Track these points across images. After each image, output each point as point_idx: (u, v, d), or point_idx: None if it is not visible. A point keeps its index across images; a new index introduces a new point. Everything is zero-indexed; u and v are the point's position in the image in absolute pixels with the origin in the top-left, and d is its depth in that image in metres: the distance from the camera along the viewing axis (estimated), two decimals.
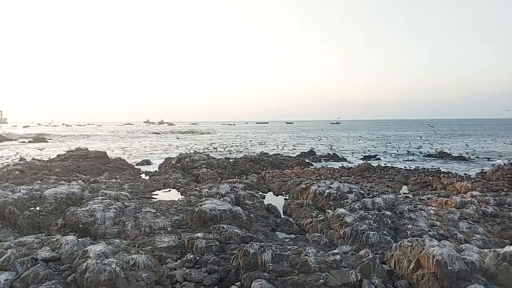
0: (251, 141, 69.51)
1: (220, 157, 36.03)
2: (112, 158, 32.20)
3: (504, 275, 7.34)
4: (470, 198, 14.74)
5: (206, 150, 43.08)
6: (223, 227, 11.48)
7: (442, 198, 15.62)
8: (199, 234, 10.95)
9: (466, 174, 25.98)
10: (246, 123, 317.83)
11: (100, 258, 7.49)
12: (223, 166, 28.76)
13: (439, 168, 29.76)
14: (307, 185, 18.27)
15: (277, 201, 18.43)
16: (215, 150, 47.89)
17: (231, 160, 33.36)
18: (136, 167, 31.09)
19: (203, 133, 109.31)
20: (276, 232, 13.51)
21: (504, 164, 28.97)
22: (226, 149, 50.24)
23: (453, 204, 14.32)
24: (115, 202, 14.35)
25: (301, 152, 42.39)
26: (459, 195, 16.04)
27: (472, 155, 40.27)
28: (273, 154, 37.64)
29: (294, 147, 52.46)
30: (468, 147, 51.76)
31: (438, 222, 12.45)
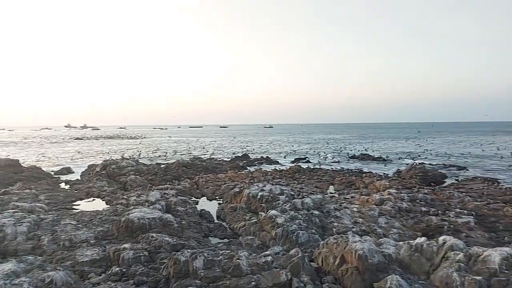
0: (189, 146, 68.05)
1: (150, 163, 34.62)
2: (26, 166, 29.02)
3: (416, 265, 8.12)
4: (388, 196, 16.11)
5: (135, 156, 41.13)
6: (152, 236, 10.99)
7: (364, 196, 16.85)
8: (126, 245, 10.32)
9: (384, 173, 28.44)
10: (179, 127, 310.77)
11: (9, 279, 6.66)
12: (154, 172, 27.66)
13: (361, 168, 32.12)
14: (241, 188, 18.40)
15: (211, 206, 18.22)
16: (146, 155, 45.91)
17: (162, 165, 32.22)
18: (54, 176, 28.39)
19: (131, 138, 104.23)
20: (209, 237, 13.33)
21: (416, 164, 32.33)
22: (157, 153, 48.49)
23: (373, 202, 15.52)
24: (29, 215, 12.92)
25: (235, 156, 42.61)
26: (379, 193, 17.44)
27: (388, 156, 44.20)
28: (207, 159, 37.28)
29: (231, 151, 52.54)
30: (377, 147, 56.78)
31: (360, 219, 13.38)
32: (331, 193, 20.61)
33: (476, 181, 24.93)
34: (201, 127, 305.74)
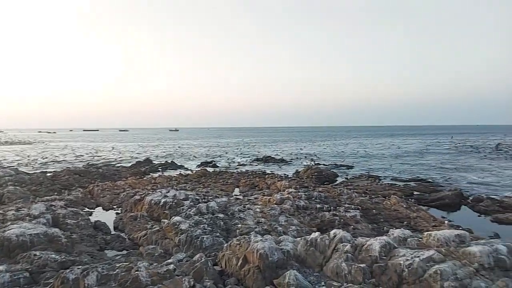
0: (83, 151, 61.73)
1: (34, 171, 30.49)
2: None
3: (311, 258, 8.72)
4: (288, 195, 17.05)
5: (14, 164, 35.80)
6: (35, 255, 9.61)
7: (266, 197, 17.53)
8: (1, 267, 8.83)
9: (285, 174, 30.13)
10: (71, 130, 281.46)
11: None
12: (38, 182, 24.39)
13: (265, 170, 33.49)
14: (142, 195, 17.43)
15: (108, 216, 16.83)
16: (30, 163, 40.26)
17: (49, 174, 28.63)
18: None
19: (13, 143, 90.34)
20: (105, 250, 12.25)
21: (313, 165, 35.05)
22: (45, 160, 43.02)
23: (274, 201, 16.26)
24: None
25: (137, 161, 40.31)
26: (279, 192, 18.34)
27: (293, 158, 47.10)
28: (104, 165, 34.44)
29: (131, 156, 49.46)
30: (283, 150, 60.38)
31: (263, 219, 13.86)
32: (236, 195, 20.97)
33: (362, 178, 28.18)
34: (97, 130, 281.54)
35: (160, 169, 35.70)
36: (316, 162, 40.83)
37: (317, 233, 9.53)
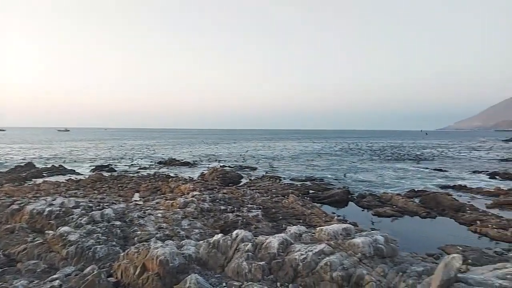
0: None
1: None
2: None
3: (213, 260, 8.69)
4: (192, 198, 16.78)
5: None
6: None
7: (169, 201, 16.95)
8: None
9: (190, 177, 29.63)
10: None
11: None
12: None
13: (168, 173, 32.40)
14: (21, 205, 15.18)
15: None
16: None
17: None
18: None
19: None
20: None
21: (218, 166, 35.24)
22: None
23: (177, 205, 15.83)
24: None
25: (16, 166, 35.03)
26: (183, 196, 17.94)
27: (198, 159, 46.50)
28: None
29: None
30: (192, 152, 59.54)
31: (165, 224, 13.35)
32: (136, 201, 19.78)
33: (264, 179, 29.40)
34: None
35: (45, 174, 31.66)
36: (221, 164, 41.19)
37: (219, 235, 9.56)
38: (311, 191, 24.04)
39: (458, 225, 16.84)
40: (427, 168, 39.26)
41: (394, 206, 19.78)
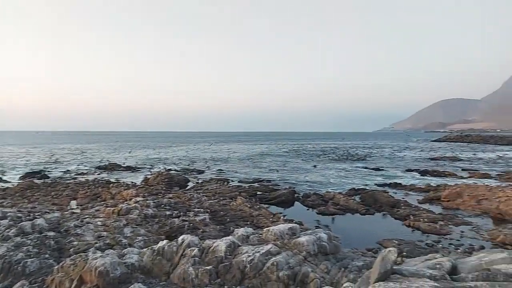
0: None
1: None
2: None
3: (157, 267, 8.37)
4: (134, 204, 16.05)
5: None
6: None
7: (110, 208, 16.04)
8: None
9: (133, 182, 28.36)
10: None
11: None
12: None
13: (109, 179, 30.72)
14: None
15: None
16: None
17: None
18: None
19: None
20: None
21: (164, 170, 34.17)
22: None
23: (119, 212, 15.03)
24: None
25: None
26: (126, 202, 17.10)
27: (137, 164, 44.63)
28: None
29: None
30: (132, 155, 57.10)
31: (105, 233, 12.59)
32: (72, 209, 18.41)
33: (212, 182, 29.11)
34: None
35: None
36: (167, 168, 40.02)
37: (165, 241, 9.24)
38: (258, 193, 24.27)
39: (394, 220, 18.06)
40: (366, 168, 41.67)
41: (336, 205, 20.67)
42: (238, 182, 30.41)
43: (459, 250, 12.74)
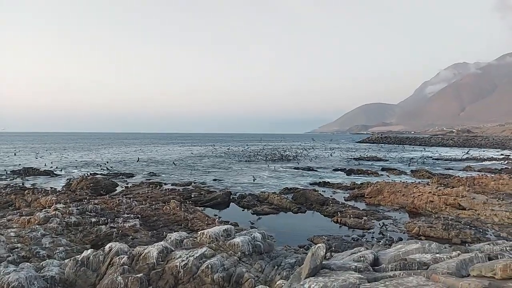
0: None
1: None
2: None
3: (82, 279, 7.74)
4: (54, 212, 14.65)
5: None
6: None
7: (25, 217, 14.43)
8: None
9: (52, 187, 25.88)
10: None
11: None
12: None
13: (23, 184, 27.71)
14: None
15: None
16: None
17: None
18: None
19: None
20: None
21: (88, 175, 31.78)
22: None
23: (36, 221, 13.59)
24: None
25: None
26: (44, 210, 15.53)
27: (57, 168, 40.88)
28: None
29: None
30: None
31: (19, 244, 11.31)
32: None
33: (143, 186, 27.83)
34: None
35: None
36: (92, 172, 37.31)
37: (89, 251, 8.58)
38: (193, 195, 23.80)
39: (323, 217, 19.06)
40: (297, 168, 43.38)
41: (270, 204, 21.16)
42: (172, 185, 29.53)
43: (380, 243, 13.86)
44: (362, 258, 6.37)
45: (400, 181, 27.00)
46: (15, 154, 61.64)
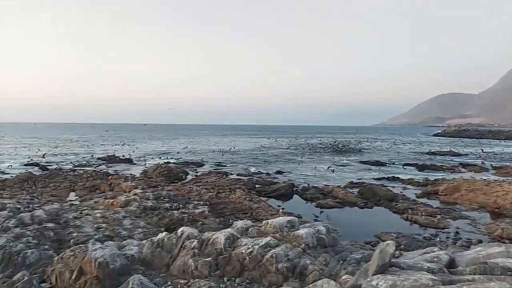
0: None
1: None
2: None
3: (157, 259, 8.41)
4: (134, 196, 16.09)
5: None
6: None
7: (109, 200, 16.09)
8: None
9: (132, 174, 28.34)
10: None
11: None
12: None
13: (107, 171, 30.71)
14: None
15: None
16: None
17: None
18: None
19: None
20: None
21: (162, 163, 34.14)
22: None
23: (118, 204, 15.08)
24: None
25: None
26: (125, 194, 17.15)
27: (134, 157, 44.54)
28: None
29: None
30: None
31: (104, 224, 12.65)
32: (71, 200, 18.46)
33: (211, 175, 29.12)
34: None
35: None
36: (166, 160, 39.98)
37: (164, 233, 9.27)
38: (257, 186, 24.31)
39: (392, 214, 18.16)
40: (363, 162, 41.75)
41: (335, 198, 20.75)
42: (237, 175, 30.44)
43: (456, 244, 12.84)
44: (435, 259, 5.98)
45: (481, 178, 24.55)
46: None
